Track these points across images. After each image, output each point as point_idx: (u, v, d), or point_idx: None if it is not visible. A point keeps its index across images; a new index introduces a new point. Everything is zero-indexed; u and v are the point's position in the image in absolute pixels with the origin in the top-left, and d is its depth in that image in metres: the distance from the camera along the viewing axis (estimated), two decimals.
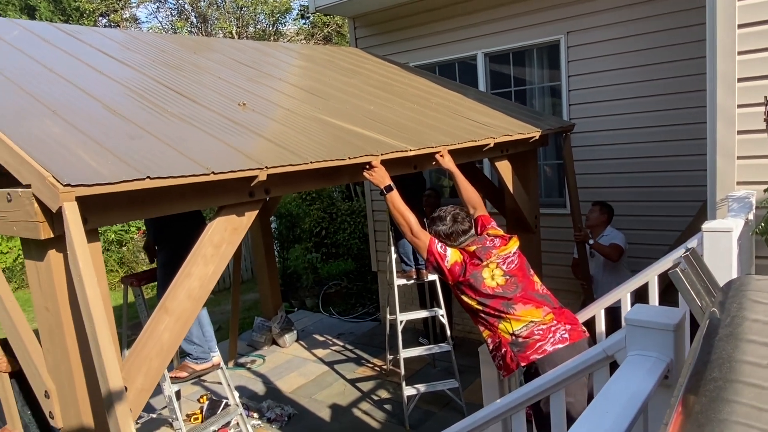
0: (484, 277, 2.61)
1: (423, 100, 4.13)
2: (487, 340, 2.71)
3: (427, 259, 2.70)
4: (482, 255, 2.65)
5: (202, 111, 2.60)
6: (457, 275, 2.64)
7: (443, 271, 2.66)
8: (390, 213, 2.82)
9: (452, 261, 2.64)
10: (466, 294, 2.67)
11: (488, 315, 2.63)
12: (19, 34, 2.98)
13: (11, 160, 1.72)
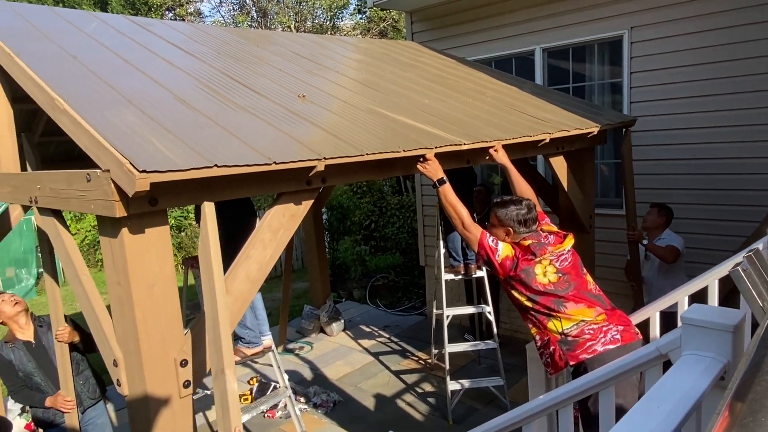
0: (536, 273, 2.59)
1: (478, 93, 4.11)
2: (535, 337, 2.69)
3: (478, 252, 2.70)
4: (537, 250, 2.62)
5: (264, 102, 2.70)
6: (508, 270, 2.63)
7: (494, 265, 2.66)
8: (441, 206, 2.84)
9: (503, 255, 2.63)
10: (517, 289, 2.65)
11: (538, 312, 2.61)
12: (97, 26, 3.18)
13: (91, 146, 1.86)
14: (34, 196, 2.31)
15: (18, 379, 3.44)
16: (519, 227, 2.70)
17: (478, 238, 2.66)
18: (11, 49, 2.36)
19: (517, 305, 2.74)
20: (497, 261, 2.63)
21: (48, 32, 2.77)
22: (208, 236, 1.88)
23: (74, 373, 3.48)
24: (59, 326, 3.20)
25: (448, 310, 4.91)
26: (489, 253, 2.64)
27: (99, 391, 3.71)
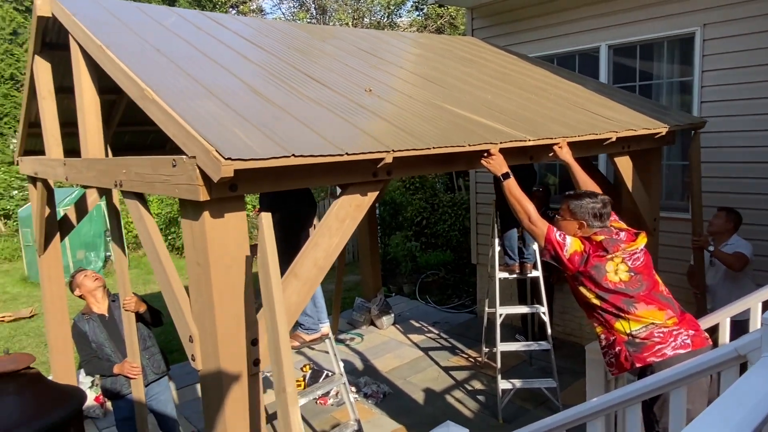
0: (607, 271, 2.54)
1: (541, 90, 4.06)
2: (600, 336, 2.65)
3: (545, 247, 2.67)
4: (609, 247, 2.56)
5: (332, 94, 2.77)
6: (577, 265, 2.58)
7: (561, 260, 2.62)
8: (506, 200, 2.83)
9: (572, 250, 2.59)
10: (585, 286, 2.61)
11: (605, 311, 2.56)
12: (175, 20, 3.34)
13: (179, 133, 1.97)
14: (119, 180, 2.47)
15: (90, 349, 3.69)
16: (593, 221, 2.64)
17: (545, 232, 2.63)
18: (102, 41, 2.52)
19: (582, 303, 2.69)
20: (565, 256, 2.59)
21: (132, 26, 2.94)
22: (266, 248, 1.94)
23: (141, 347, 3.70)
24: (127, 296, 3.42)
25: (501, 309, 4.88)
26: (557, 248, 2.61)
27: (163, 367, 3.91)
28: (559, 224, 2.74)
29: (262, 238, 1.91)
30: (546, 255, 2.69)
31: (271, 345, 1.99)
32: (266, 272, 1.95)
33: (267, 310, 1.98)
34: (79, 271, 3.83)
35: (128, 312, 3.50)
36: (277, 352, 1.95)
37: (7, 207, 14.81)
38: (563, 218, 2.74)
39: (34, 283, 10.29)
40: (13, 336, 7.51)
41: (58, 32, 3.44)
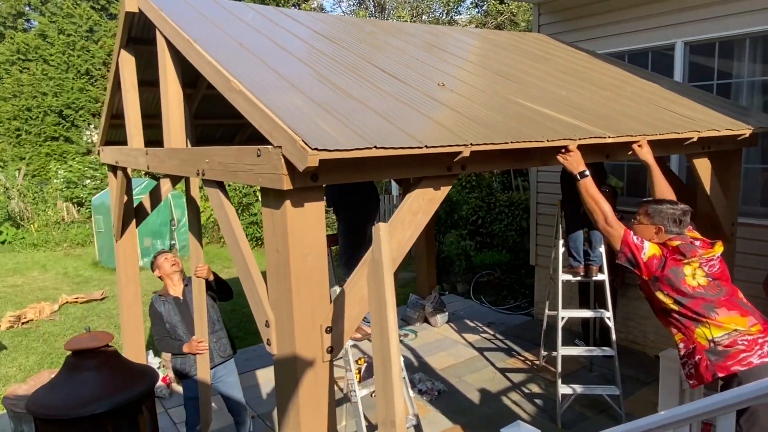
0: (686, 274, 2.45)
1: (616, 87, 3.93)
2: (678, 344, 2.54)
3: (621, 250, 2.60)
4: (686, 251, 2.48)
5: (406, 88, 2.78)
6: (654, 269, 2.50)
7: (638, 264, 2.54)
8: (582, 200, 2.76)
9: (650, 254, 2.51)
10: (662, 291, 2.52)
11: (684, 317, 2.46)
12: (253, 15, 3.44)
13: (265, 123, 2.03)
14: (202, 169, 2.56)
15: (164, 329, 3.88)
16: (672, 226, 2.56)
17: (622, 235, 2.56)
18: (190, 36, 2.62)
19: (659, 308, 2.60)
20: (642, 260, 2.52)
21: (216, 21, 3.05)
22: (382, 259, 1.88)
23: (209, 330, 3.84)
24: (199, 263, 3.68)
25: (563, 312, 4.76)
26: (634, 251, 2.53)
27: (230, 351, 4.05)
28: (634, 229, 2.67)
29: (377, 249, 1.87)
30: (621, 258, 2.61)
31: (379, 371, 1.91)
32: (380, 292, 1.87)
33: (379, 335, 1.91)
34: (160, 253, 4.06)
35: (199, 293, 3.66)
36: (387, 381, 1.87)
37: (80, 195, 15.71)
38: (640, 222, 2.67)
39: (104, 267, 10.87)
40: (86, 316, 7.95)
41: (143, 27, 3.61)
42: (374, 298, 1.90)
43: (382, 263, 1.87)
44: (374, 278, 1.91)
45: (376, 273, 1.90)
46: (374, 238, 1.88)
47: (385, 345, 1.87)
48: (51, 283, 9.93)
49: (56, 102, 20.08)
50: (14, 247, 13.18)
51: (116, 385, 3.37)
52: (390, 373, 1.83)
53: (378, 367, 1.91)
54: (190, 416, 3.92)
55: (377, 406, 1.90)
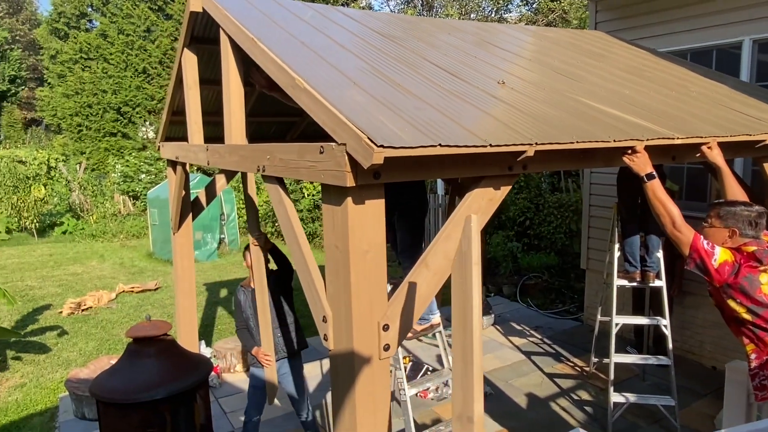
0: (762, 283, 2.32)
1: (681, 87, 3.78)
2: (750, 355, 2.42)
3: (689, 256, 2.49)
4: (763, 257, 2.35)
5: (465, 85, 2.75)
6: (726, 276, 2.39)
7: (708, 270, 2.43)
8: (649, 203, 2.66)
9: (721, 260, 2.40)
10: (735, 299, 2.40)
11: (758, 327, 2.34)
12: (312, 14, 3.48)
13: (329, 121, 2.04)
14: (262, 165, 2.61)
15: (242, 319, 4.02)
16: (747, 229, 2.43)
17: (691, 239, 2.45)
18: (254, 34, 2.68)
19: (730, 317, 2.48)
20: (713, 266, 2.41)
21: (277, 20, 3.10)
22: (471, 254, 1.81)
23: (279, 323, 3.90)
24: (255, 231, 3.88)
25: (617, 318, 4.62)
26: (704, 257, 2.43)
27: (296, 347, 4.05)
28: (705, 232, 2.55)
29: (466, 242, 1.83)
30: (690, 264, 2.49)
31: (458, 366, 1.86)
32: (467, 285, 1.81)
33: (462, 329, 1.84)
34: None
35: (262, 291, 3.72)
36: (467, 376, 1.81)
37: (136, 189, 16.34)
38: (711, 226, 2.54)
39: (158, 258, 11.28)
40: (141, 306, 8.27)
41: (205, 27, 3.71)
42: (459, 291, 1.86)
43: (471, 256, 1.82)
44: (460, 271, 1.85)
45: (463, 266, 1.85)
46: (464, 230, 1.84)
47: (468, 340, 1.82)
48: (108, 273, 10.37)
49: (115, 99, 20.95)
50: (74, 237, 13.83)
51: (173, 373, 3.48)
52: (471, 368, 1.79)
53: (458, 361, 1.86)
54: (250, 406, 4.02)
55: (453, 401, 1.87)
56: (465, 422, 1.81)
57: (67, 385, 4.93)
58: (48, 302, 8.48)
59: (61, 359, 6.32)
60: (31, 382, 5.72)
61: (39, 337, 7.03)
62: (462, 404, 1.82)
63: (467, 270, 1.81)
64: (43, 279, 9.94)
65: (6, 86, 26.08)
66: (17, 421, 5.00)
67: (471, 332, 1.79)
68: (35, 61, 32.46)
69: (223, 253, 11.67)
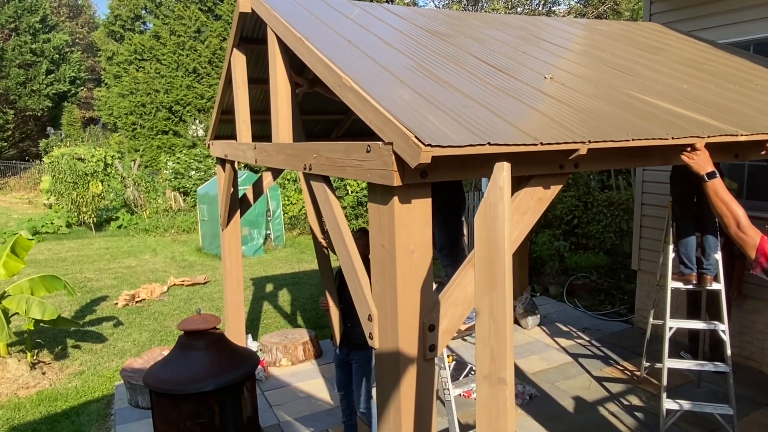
0: None
1: (743, 80, 3.59)
2: None
3: (756, 260, 2.35)
4: None
5: (514, 82, 2.69)
6: None
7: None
8: (711, 203, 2.53)
9: None
10: None
11: None
12: (359, 12, 3.49)
13: (376, 119, 2.04)
14: (309, 164, 2.63)
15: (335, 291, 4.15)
16: None
17: (758, 242, 2.32)
18: (301, 33, 2.70)
19: None
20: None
21: (324, 19, 3.12)
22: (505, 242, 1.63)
23: (351, 314, 3.91)
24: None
25: (671, 322, 4.43)
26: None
27: (361, 342, 3.95)
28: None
29: (497, 192, 1.64)
30: (757, 269, 2.35)
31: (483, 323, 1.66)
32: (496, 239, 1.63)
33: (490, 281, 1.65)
34: None
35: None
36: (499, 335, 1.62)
37: (186, 185, 16.87)
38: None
39: (207, 253, 11.61)
40: (190, 299, 8.53)
41: (254, 27, 3.77)
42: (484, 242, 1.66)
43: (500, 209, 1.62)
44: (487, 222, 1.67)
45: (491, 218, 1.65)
46: (493, 179, 1.67)
47: (498, 294, 1.62)
48: (160, 266, 10.75)
49: (167, 98, 21.69)
50: (129, 232, 14.41)
51: (222, 366, 3.58)
52: (504, 327, 1.60)
53: (483, 319, 1.66)
54: (337, 380, 4.23)
55: (476, 361, 1.67)
56: (496, 383, 1.61)
57: (122, 374, 5.14)
58: (104, 294, 8.86)
59: (116, 349, 6.60)
60: (89, 370, 6.00)
61: (96, 327, 7.36)
62: (489, 364, 1.63)
63: (498, 223, 1.62)
64: (100, 271, 10.40)
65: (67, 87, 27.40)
66: (76, 407, 5.25)
67: (503, 285, 1.61)
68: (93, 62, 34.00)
69: (269, 248, 11.90)
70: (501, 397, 1.59)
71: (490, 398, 1.63)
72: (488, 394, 1.64)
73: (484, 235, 1.67)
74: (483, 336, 1.68)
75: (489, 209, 1.66)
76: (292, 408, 4.96)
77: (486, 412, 1.64)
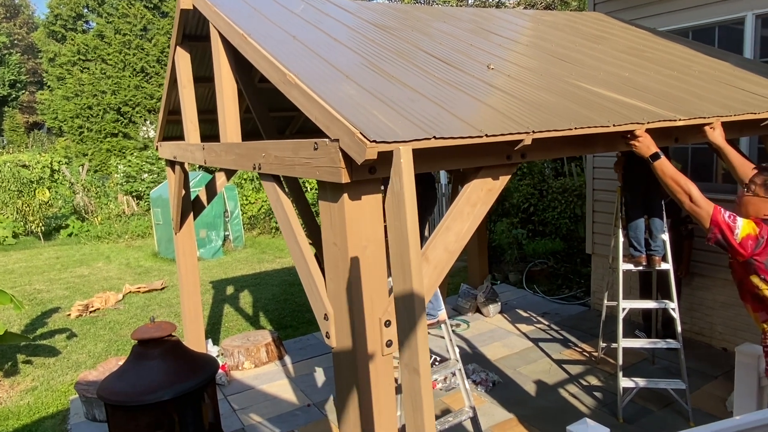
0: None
1: (682, 66, 3.72)
2: (767, 332, 2.36)
3: (710, 230, 2.40)
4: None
5: (460, 74, 2.71)
6: (750, 251, 2.30)
7: (731, 244, 2.33)
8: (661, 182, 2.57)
9: (743, 234, 2.31)
10: (758, 275, 2.32)
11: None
12: (304, 7, 3.43)
13: (321, 116, 2.01)
14: (258, 163, 2.58)
15: None
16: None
17: (711, 214, 2.37)
18: (243, 30, 2.63)
19: (749, 294, 2.40)
20: (735, 240, 2.31)
21: (268, 14, 3.06)
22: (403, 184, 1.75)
23: None
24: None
25: (624, 303, 4.58)
26: (725, 231, 2.33)
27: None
28: (745, 200, 2.43)
29: (398, 179, 1.77)
30: (711, 239, 2.40)
31: (402, 315, 1.84)
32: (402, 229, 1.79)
33: (402, 285, 1.84)
34: None
35: None
36: (411, 326, 1.81)
37: (139, 189, 16.37)
38: (755, 194, 2.41)
39: (163, 258, 11.30)
40: (147, 305, 8.29)
41: (197, 24, 3.67)
42: (396, 233, 1.81)
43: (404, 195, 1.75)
44: (395, 212, 1.80)
45: (397, 206, 1.79)
46: (394, 166, 1.77)
47: (408, 284, 1.76)
48: (115, 274, 10.41)
49: (114, 100, 20.94)
50: (80, 239, 13.88)
51: (180, 374, 3.48)
52: (414, 315, 1.74)
53: (401, 310, 1.79)
54: None
55: (400, 353, 1.82)
56: (413, 374, 1.77)
57: (77, 388, 4.95)
58: (56, 305, 8.52)
59: (70, 362, 6.35)
60: (42, 386, 5.75)
61: (48, 340, 7.06)
62: (407, 353, 1.79)
63: (401, 210, 1.73)
64: (50, 282, 9.99)
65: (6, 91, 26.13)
66: (29, 424, 5.03)
67: (410, 277, 1.74)
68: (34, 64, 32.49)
69: (228, 250, 11.68)
70: (416, 387, 1.76)
71: (409, 386, 1.83)
72: (407, 381, 1.83)
73: (394, 225, 1.74)
74: (401, 325, 1.82)
75: (394, 197, 1.75)
76: (257, 411, 4.89)
77: (409, 400, 1.85)
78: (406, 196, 1.75)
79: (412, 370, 1.86)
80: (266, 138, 4.27)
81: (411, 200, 1.76)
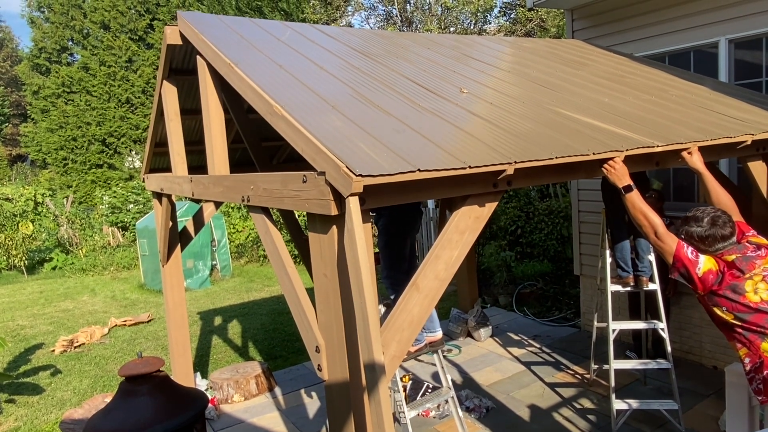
0: (746, 290, 2.32)
1: (659, 91, 3.82)
2: (744, 359, 2.41)
3: (673, 264, 2.48)
4: (743, 266, 2.36)
5: (444, 103, 2.75)
6: (710, 285, 2.39)
7: (693, 279, 2.43)
8: (630, 214, 2.65)
9: (705, 269, 2.40)
10: (720, 306, 2.39)
11: (747, 331, 2.33)
12: (291, 34, 3.49)
13: (308, 149, 2.03)
14: (247, 196, 2.59)
15: None
16: (701, 244, 2.45)
17: (674, 249, 2.45)
18: (230, 59, 2.67)
19: (719, 323, 2.47)
20: (697, 275, 2.40)
21: (254, 42, 3.10)
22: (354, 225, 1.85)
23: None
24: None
25: (614, 324, 4.60)
26: (687, 266, 2.42)
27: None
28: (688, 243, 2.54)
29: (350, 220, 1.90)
30: (674, 273, 2.49)
31: (359, 318, 1.92)
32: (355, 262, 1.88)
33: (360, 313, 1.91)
34: None
35: None
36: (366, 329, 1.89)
37: (124, 219, 16.22)
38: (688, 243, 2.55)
39: (149, 290, 11.15)
40: (134, 339, 8.14)
41: (184, 58, 3.71)
42: (352, 267, 1.93)
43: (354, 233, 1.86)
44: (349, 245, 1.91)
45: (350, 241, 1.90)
46: (347, 212, 1.88)
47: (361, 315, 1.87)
48: (100, 307, 10.23)
49: (99, 131, 20.89)
50: (64, 273, 13.66)
51: (169, 410, 3.41)
52: (368, 322, 1.87)
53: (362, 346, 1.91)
54: None
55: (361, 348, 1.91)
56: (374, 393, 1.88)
57: (62, 427, 4.83)
58: (40, 341, 8.33)
59: (55, 399, 6.19)
60: (25, 425, 5.59)
61: (32, 377, 6.89)
62: (370, 378, 1.87)
63: (352, 244, 1.86)
64: (34, 317, 9.78)
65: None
66: None
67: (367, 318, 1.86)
68: (18, 97, 32.38)
69: (216, 279, 11.57)
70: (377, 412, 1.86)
71: (374, 405, 1.91)
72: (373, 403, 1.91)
73: (350, 257, 1.87)
74: (362, 335, 1.92)
75: (348, 235, 1.87)
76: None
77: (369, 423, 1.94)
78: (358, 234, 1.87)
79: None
80: (260, 168, 4.27)
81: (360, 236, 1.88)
